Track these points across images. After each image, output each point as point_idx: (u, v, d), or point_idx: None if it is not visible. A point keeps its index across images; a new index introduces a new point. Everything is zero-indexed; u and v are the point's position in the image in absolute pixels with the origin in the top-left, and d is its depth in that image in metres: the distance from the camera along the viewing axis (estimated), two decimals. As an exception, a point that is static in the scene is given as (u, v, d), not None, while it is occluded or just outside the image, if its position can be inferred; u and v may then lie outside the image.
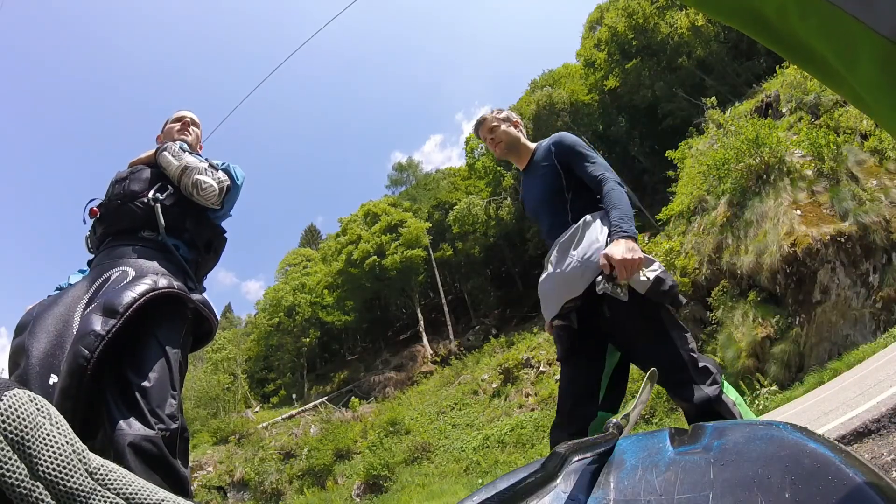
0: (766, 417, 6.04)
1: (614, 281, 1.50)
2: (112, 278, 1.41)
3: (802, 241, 7.62)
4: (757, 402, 7.17)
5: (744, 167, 9.73)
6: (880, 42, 0.31)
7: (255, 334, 28.51)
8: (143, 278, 1.38)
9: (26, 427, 0.46)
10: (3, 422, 0.45)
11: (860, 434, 2.62)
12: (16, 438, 0.45)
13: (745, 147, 9.64)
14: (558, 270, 1.65)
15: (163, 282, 1.39)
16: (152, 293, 1.33)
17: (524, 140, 1.99)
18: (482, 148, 25.76)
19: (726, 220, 9.85)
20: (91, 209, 1.68)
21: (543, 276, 1.75)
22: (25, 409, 0.47)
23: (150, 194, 1.62)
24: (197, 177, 1.65)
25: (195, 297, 1.52)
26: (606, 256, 1.48)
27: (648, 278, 1.57)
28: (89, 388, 1.16)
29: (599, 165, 1.80)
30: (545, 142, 1.92)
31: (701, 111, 15.21)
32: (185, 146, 1.81)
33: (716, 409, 1.40)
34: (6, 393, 0.46)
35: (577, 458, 0.40)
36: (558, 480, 0.38)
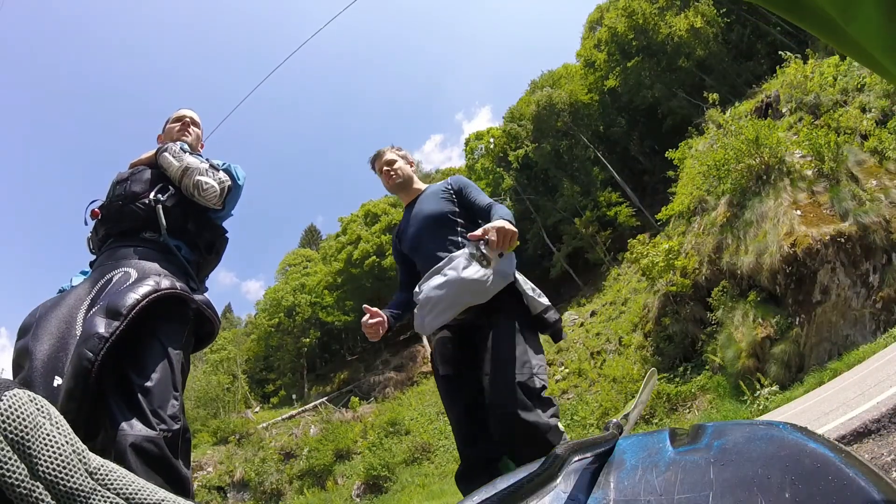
0: (766, 417, 6.04)
1: (483, 249, 1.56)
2: (114, 280, 1.42)
3: (802, 241, 7.62)
4: (757, 402, 7.17)
5: (744, 167, 9.73)
6: None
7: (255, 335, 28.50)
8: (145, 279, 1.38)
9: (26, 427, 0.46)
10: (3, 422, 0.44)
11: (860, 434, 2.62)
12: (16, 438, 0.45)
13: (745, 147, 9.64)
14: (464, 276, 1.60)
15: (165, 283, 1.40)
16: (155, 294, 1.33)
17: (416, 179, 2.11)
18: (482, 149, 25.77)
19: (726, 221, 9.85)
20: (92, 210, 1.67)
21: (438, 281, 1.65)
22: (25, 409, 0.47)
23: (152, 195, 1.62)
24: (198, 178, 1.65)
25: (198, 297, 1.52)
26: (486, 228, 1.56)
27: (544, 304, 1.66)
28: (93, 390, 1.17)
29: (489, 198, 1.90)
30: (439, 182, 2.04)
31: (701, 111, 15.22)
32: (186, 147, 1.80)
33: (549, 439, 1.39)
34: (6, 393, 0.46)
35: (577, 458, 0.40)
36: (558, 480, 0.38)
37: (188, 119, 1.98)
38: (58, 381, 1.18)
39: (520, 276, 1.69)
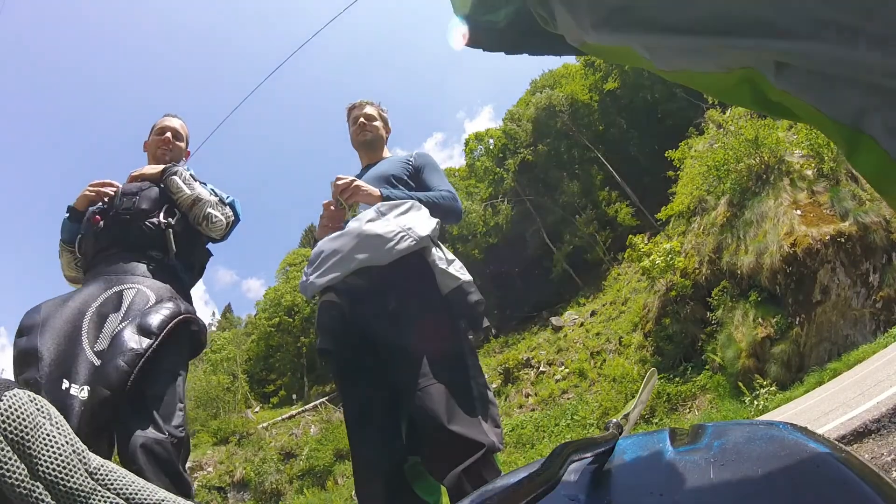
0: (766, 417, 6.04)
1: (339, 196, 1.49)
2: (132, 297, 1.47)
3: (802, 241, 7.62)
4: (757, 402, 7.17)
5: (744, 167, 9.73)
6: (845, 130, 0.33)
7: (256, 335, 28.51)
8: (165, 302, 1.48)
9: (26, 427, 0.46)
10: (3, 422, 0.44)
11: (860, 434, 2.62)
12: (16, 438, 0.45)
13: (745, 147, 9.64)
14: (365, 228, 1.31)
15: (182, 306, 1.51)
16: (179, 317, 1.45)
17: (385, 147, 1.93)
18: (482, 149, 25.76)
19: (726, 221, 9.85)
20: (94, 216, 1.67)
21: (336, 233, 1.39)
22: (25, 409, 0.47)
23: (161, 217, 1.67)
24: (209, 210, 1.75)
25: (199, 319, 1.62)
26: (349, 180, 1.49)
27: (458, 277, 1.30)
28: (125, 399, 1.27)
29: (448, 185, 1.68)
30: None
31: (701, 111, 15.22)
32: (193, 172, 1.84)
33: (489, 460, 1.12)
34: (6, 393, 0.46)
35: (576, 458, 0.40)
36: (558, 480, 0.38)
37: (170, 134, 1.97)
38: (66, 384, 1.23)
39: (438, 249, 1.36)
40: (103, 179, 1.73)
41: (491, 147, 25.00)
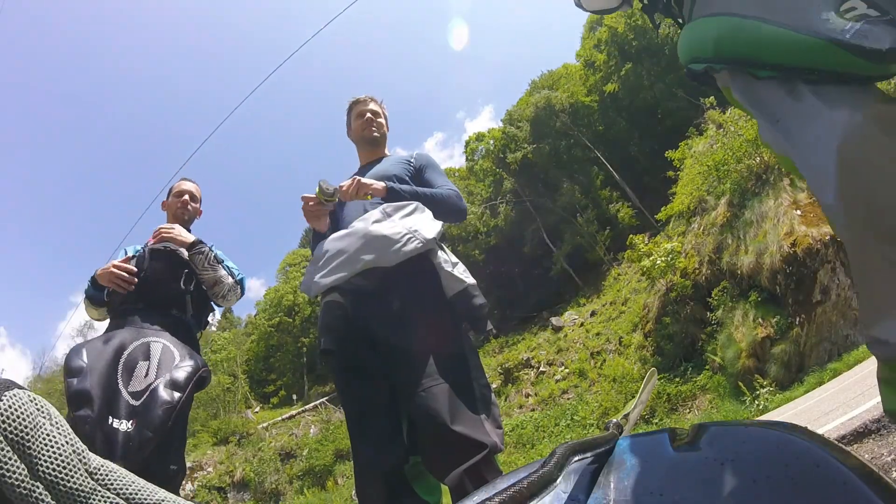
0: (766, 417, 6.04)
1: (331, 185, 1.49)
2: (160, 351, 1.76)
3: (802, 241, 7.62)
4: (757, 402, 7.17)
5: (744, 167, 9.73)
6: None
7: (256, 335, 28.53)
8: (186, 359, 1.77)
9: (26, 427, 0.46)
10: (3, 422, 0.45)
11: (860, 434, 2.62)
12: (16, 438, 0.45)
13: (745, 147, 9.64)
14: (371, 229, 1.31)
15: (199, 361, 1.81)
16: (199, 372, 1.77)
17: (385, 144, 1.92)
18: (482, 150, 25.76)
19: (726, 221, 9.85)
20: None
21: (341, 233, 1.39)
22: (25, 409, 0.47)
23: (183, 284, 2.01)
24: (226, 291, 2.10)
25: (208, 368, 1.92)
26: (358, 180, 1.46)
27: (464, 280, 1.31)
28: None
29: (451, 184, 1.67)
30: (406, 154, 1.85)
31: (701, 111, 15.22)
32: (217, 253, 2.12)
33: (491, 461, 1.13)
34: (6, 393, 0.46)
35: (577, 458, 0.40)
36: (558, 480, 0.38)
37: (187, 197, 2.27)
38: (110, 419, 1.50)
39: (443, 252, 1.38)
40: (129, 268, 1.96)
41: (491, 147, 25.01)
